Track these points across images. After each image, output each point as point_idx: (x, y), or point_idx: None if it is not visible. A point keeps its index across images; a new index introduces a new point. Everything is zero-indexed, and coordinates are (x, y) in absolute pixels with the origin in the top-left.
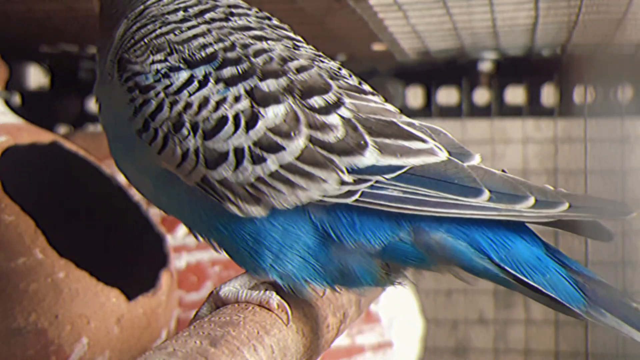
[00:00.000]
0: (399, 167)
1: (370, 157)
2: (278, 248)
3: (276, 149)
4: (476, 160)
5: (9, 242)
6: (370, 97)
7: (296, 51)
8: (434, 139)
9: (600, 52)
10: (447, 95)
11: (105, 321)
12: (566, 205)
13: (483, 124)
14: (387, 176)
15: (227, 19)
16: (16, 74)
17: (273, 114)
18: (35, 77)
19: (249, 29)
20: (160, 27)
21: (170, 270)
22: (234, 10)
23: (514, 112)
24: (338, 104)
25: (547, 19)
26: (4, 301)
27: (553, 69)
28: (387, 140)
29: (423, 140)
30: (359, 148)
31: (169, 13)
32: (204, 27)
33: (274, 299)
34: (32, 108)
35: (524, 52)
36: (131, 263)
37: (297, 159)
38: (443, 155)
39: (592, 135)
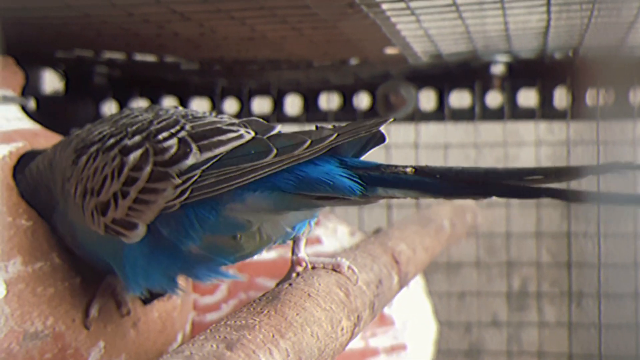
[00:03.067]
0: (213, 157)
1: (192, 158)
2: (148, 260)
3: (133, 180)
4: (275, 130)
5: (27, 247)
6: (212, 118)
7: (174, 117)
8: (245, 127)
9: (612, 55)
10: (459, 98)
11: (121, 325)
12: (334, 135)
13: (496, 127)
14: (204, 167)
15: (129, 116)
16: (32, 80)
17: (133, 158)
18: (51, 82)
19: (140, 115)
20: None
21: None
22: (144, 113)
23: (527, 114)
24: (179, 130)
25: (559, 22)
26: (22, 305)
27: (565, 72)
28: (206, 141)
29: (234, 131)
30: (185, 155)
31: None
32: (105, 125)
33: (344, 263)
34: (48, 113)
35: (537, 55)
36: None
37: (147, 181)
38: (249, 136)
39: (604, 137)
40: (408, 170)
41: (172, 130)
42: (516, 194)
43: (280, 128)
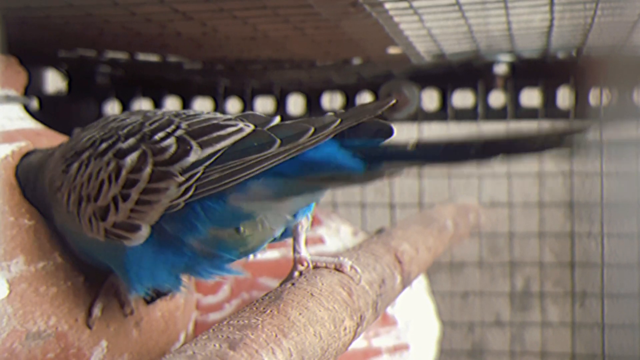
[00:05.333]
0: (215, 153)
1: (194, 155)
2: (154, 261)
3: (133, 182)
4: (275, 121)
5: (29, 246)
6: (207, 115)
7: (166, 117)
8: (243, 121)
9: (615, 55)
10: (462, 98)
11: (124, 324)
12: (338, 121)
13: (499, 127)
14: (207, 163)
15: (116, 121)
16: (34, 79)
17: (130, 160)
18: (53, 81)
19: (128, 119)
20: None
21: None
22: (131, 117)
23: (530, 114)
24: (175, 129)
25: (563, 22)
26: (25, 305)
27: (569, 72)
28: (205, 137)
29: (233, 125)
30: (186, 152)
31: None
32: (94, 131)
33: (347, 262)
34: (50, 112)
35: (540, 54)
36: None
37: (148, 182)
38: (249, 129)
39: (607, 137)
40: (410, 144)
41: (168, 130)
42: (515, 150)
43: (279, 119)
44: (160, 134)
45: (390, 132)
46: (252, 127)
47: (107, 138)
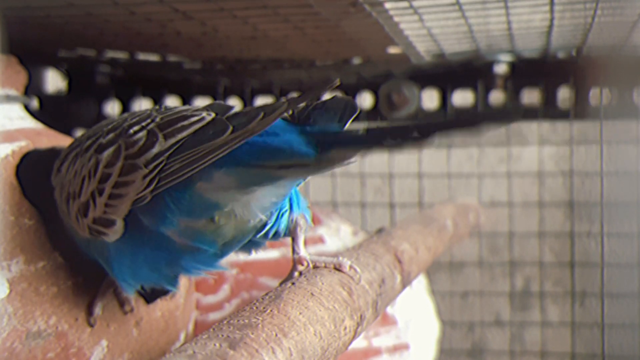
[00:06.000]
0: (176, 143)
1: (157, 147)
2: (133, 257)
3: (107, 177)
4: (234, 110)
5: (30, 246)
6: (183, 108)
7: (148, 112)
8: (208, 110)
9: (615, 54)
10: (462, 98)
11: (124, 324)
12: (285, 104)
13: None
14: (168, 154)
15: (109, 119)
16: (34, 79)
17: (107, 154)
18: (53, 81)
19: (120, 116)
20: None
21: None
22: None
23: (530, 114)
24: (149, 123)
25: (563, 22)
26: (25, 304)
27: (569, 71)
28: (170, 129)
29: (197, 115)
30: (152, 144)
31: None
32: (90, 131)
33: (346, 262)
34: (50, 112)
35: (540, 54)
36: None
37: (119, 175)
38: (210, 118)
39: (607, 136)
40: (360, 130)
41: (143, 124)
42: (451, 127)
43: (236, 108)
44: (135, 128)
45: (354, 108)
46: (212, 115)
47: (92, 135)
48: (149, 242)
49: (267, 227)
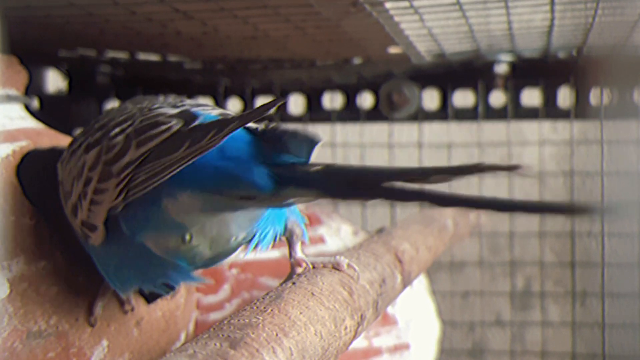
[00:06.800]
0: (144, 153)
1: (129, 156)
2: (117, 262)
3: (89, 180)
4: (197, 122)
5: (30, 245)
6: (164, 109)
7: (137, 107)
8: (178, 117)
9: (616, 54)
10: (463, 98)
11: (124, 324)
12: (235, 122)
13: (499, 126)
14: (136, 164)
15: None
16: (35, 79)
17: (90, 157)
18: (54, 81)
19: (111, 113)
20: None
21: None
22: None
23: (530, 114)
24: (130, 125)
25: (563, 21)
26: (25, 304)
27: (569, 71)
28: (142, 136)
29: (167, 123)
30: (125, 152)
31: None
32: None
33: (344, 261)
34: (51, 112)
35: (540, 54)
36: None
37: (97, 181)
38: (176, 128)
39: (608, 136)
40: (317, 168)
41: (124, 125)
42: (397, 197)
43: (205, 115)
44: (117, 129)
45: (314, 143)
46: (179, 126)
47: (86, 132)
48: (131, 249)
49: (256, 241)
